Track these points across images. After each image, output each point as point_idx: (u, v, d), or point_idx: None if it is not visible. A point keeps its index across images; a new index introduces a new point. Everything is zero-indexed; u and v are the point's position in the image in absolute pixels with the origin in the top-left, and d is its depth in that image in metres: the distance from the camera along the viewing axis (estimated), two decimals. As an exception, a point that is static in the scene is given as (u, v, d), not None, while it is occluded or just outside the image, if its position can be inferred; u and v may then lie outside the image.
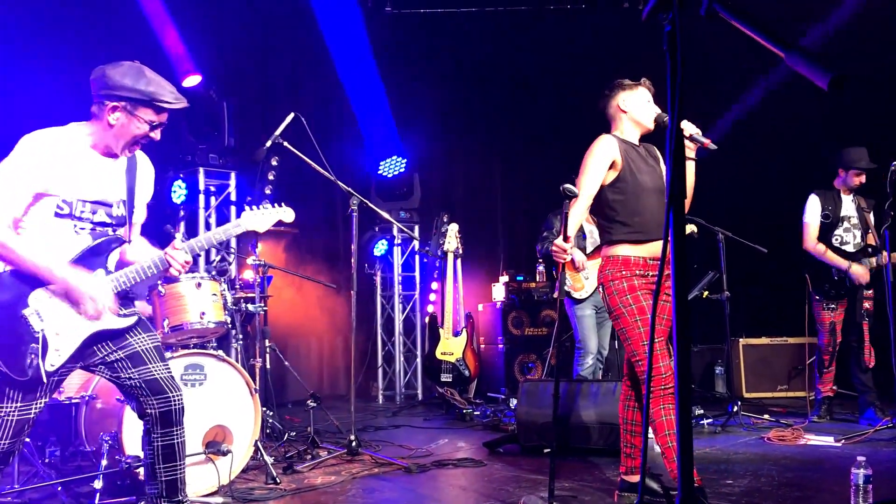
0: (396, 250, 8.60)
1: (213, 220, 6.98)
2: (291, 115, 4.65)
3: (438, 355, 6.99)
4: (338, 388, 8.74)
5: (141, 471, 3.68)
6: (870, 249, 5.86)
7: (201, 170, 6.84)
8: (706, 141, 3.49)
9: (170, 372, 2.93)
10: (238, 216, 6.95)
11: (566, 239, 3.48)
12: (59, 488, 3.89)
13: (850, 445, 4.93)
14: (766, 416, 6.10)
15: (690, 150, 3.57)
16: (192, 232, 6.61)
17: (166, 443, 2.90)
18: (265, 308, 4.93)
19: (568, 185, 3.47)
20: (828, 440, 5.09)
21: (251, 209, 3.25)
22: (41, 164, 2.72)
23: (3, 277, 2.73)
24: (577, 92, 8.69)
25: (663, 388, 3.42)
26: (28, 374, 2.64)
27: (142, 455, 3.64)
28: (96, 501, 3.66)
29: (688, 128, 3.55)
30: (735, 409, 5.85)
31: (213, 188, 7.00)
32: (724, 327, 6.95)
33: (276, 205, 3.26)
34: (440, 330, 7.07)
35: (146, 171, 3.13)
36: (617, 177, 3.63)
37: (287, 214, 3.29)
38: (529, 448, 4.96)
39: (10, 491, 3.89)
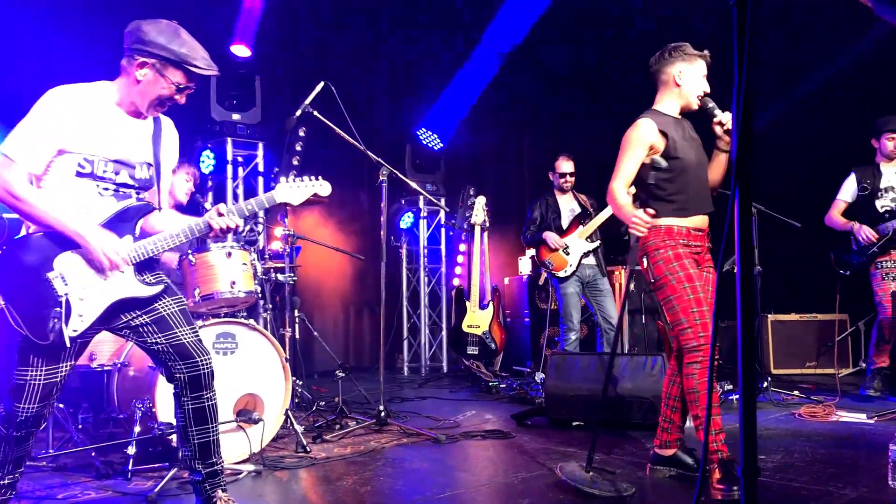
0: (422, 223, 8.58)
1: (240, 191, 6.99)
2: (321, 84, 4.61)
3: (465, 328, 6.98)
4: (363, 360, 8.77)
5: (174, 437, 3.71)
6: (887, 215, 5.85)
7: (229, 140, 6.82)
8: None
9: (197, 336, 2.92)
10: (266, 187, 7.07)
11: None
12: (94, 454, 3.93)
13: (884, 423, 4.87)
14: (795, 393, 6.04)
15: (725, 143, 3.54)
16: (219, 202, 6.60)
17: (197, 406, 2.89)
18: (295, 278, 4.93)
19: (655, 157, 3.46)
20: (860, 417, 5.02)
21: (286, 181, 3.17)
22: (63, 118, 2.68)
23: (30, 240, 2.71)
24: (605, 65, 8.60)
25: (708, 357, 3.39)
26: (50, 339, 2.63)
27: (174, 422, 3.69)
28: (129, 467, 3.70)
29: (726, 119, 3.49)
30: (765, 384, 5.79)
31: (240, 158, 6.99)
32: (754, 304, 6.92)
33: (312, 178, 3.19)
34: (467, 303, 7.05)
35: (171, 137, 3.08)
36: (660, 154, 3.58)
37: (323, 188, 3.22)
38: (557, 421, 4.95)
39: (45, 455, 3.94)
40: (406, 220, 8.49)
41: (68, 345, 2.68)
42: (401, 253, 8.46)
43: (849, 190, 6.07)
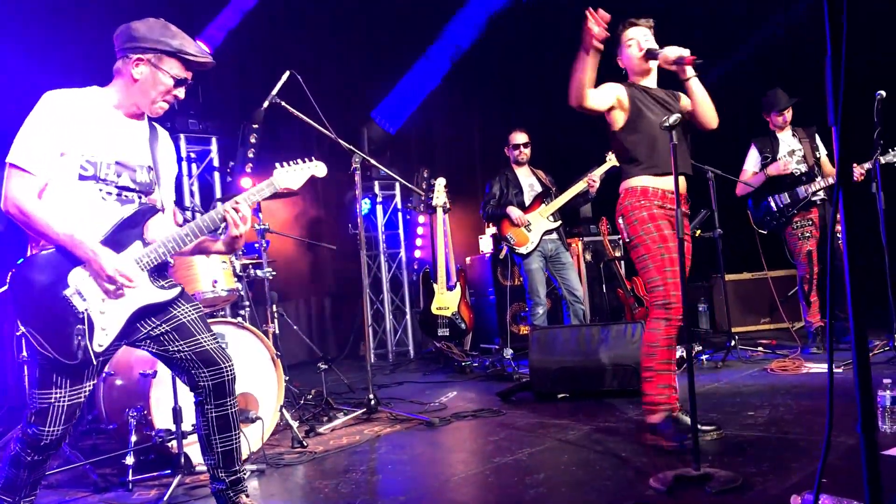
0: (379, 208, 8.54)
1: (195, 188, 6.82)
2: (287, 74, 4.53)
3: (434, 310, 7.00)
4: (328, 350, 8.71)
5: (173, 444, 3.64)
6: (803, 177, 6.17)
7: (182, 136, 6.65)
8: (688, 57, 3.59)
9: (218, 342, 2.86)
10: (223, 182, 6.92)
11: None
12: (88, 467, 3.83)
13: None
14: (760, 349, 6.26)
15: (684, 72, 3.67)
16: (177, 201, 6.45)
17: (221, 414, 2.84)
18: (274, 273, 4.86)
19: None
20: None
21: (282, 166, 3.07)
22: (64, 120, 2.61)
23: (38, 258, 2.60)
24: (554, 44, 8.66)
25: (678, 318, 3.52)
26: (78, 357, 2.55)
27: (173, 428, 3.62)
28: (129, 477, 3.61)
29: (670, 52, 3.65)
30: (733, 343, 5.98)
31: (193, 154, 6.83)
32: (707, 265, 7.14)
33: (306, 160, 3.12)
34: (434, 285, 7.06)
35: (166, 142, 3.03)
36: (627, 119, 3.69)
37: (319, 169, 3.13)
38: (543, 395, 5.02)
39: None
40: (363, 207, 8.43)
41: (94, 361, 2.60)
42: (359, 239, 8.38)
43: (753, 160, 6.43)
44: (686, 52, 3.60)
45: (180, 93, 2.82)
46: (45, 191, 2.63)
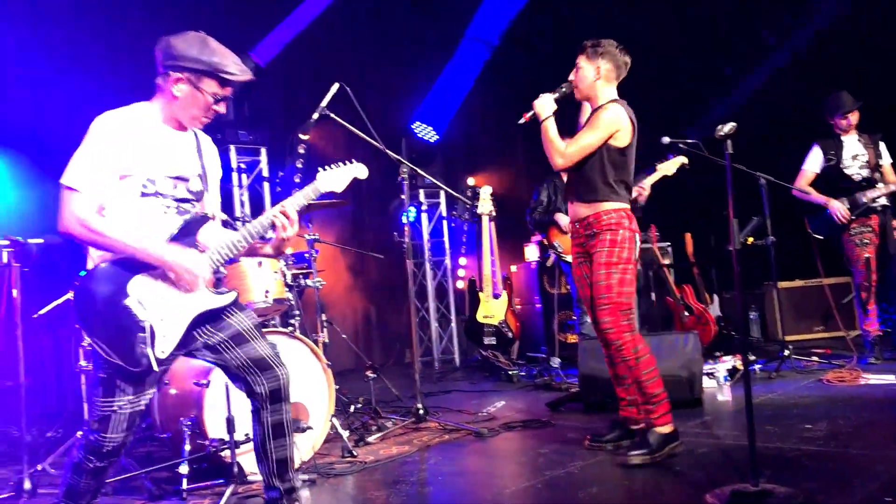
0: (424, 217, 8.55)
1: (245, 198, 6.92)
2: (336, 86, 4.55)
3: (480, 319, 6.98)
4: (374, 359, 8.72)
5: (226, 454, 3.67)
6: (864, 182, 6.02)
7: (232, 147, 6.76)
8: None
9: (274, 349, 2.90)
10: (272, 192, 7.00)
11: None
12: (142, 476, 3.88)
13: (916, 383, 4.94)
14: (815, 359, 6.11)
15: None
16: (227, 210, 6.54)
17: (276, 420, 2.87)
18: (323, 282, 4.90)
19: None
20: (889, 378, 5.10)
21: (324, 170, 3.10)
22: (119, 143, 2.66)
23: (98, 271, 2.66)
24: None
25: None
26: (142, 364, 2.61)
27: (226, 437, 3.66)
28: (183, 486, 3.65)
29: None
30: (787, 353, 5.85)
31: (243, 165, 6.92)
32: (759, 272, 7.01)
33: (347, 162, 3.11)
34: (480, 294, 7.04)
35: (211, 148, 3.08)
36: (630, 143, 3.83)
37: (361, 171, 3.14)
38: (593, 405, 4.96)
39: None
40: (408, 215, 8.46)
41: (156, 368, 2.65)
42: (405, 247, 8.41)
43: (815, 160, 6.24)
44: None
45: (220, 108, 2.85)
46: (103, 210, 2.68)
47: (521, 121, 4.03)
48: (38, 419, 5.46)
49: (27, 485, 3.69)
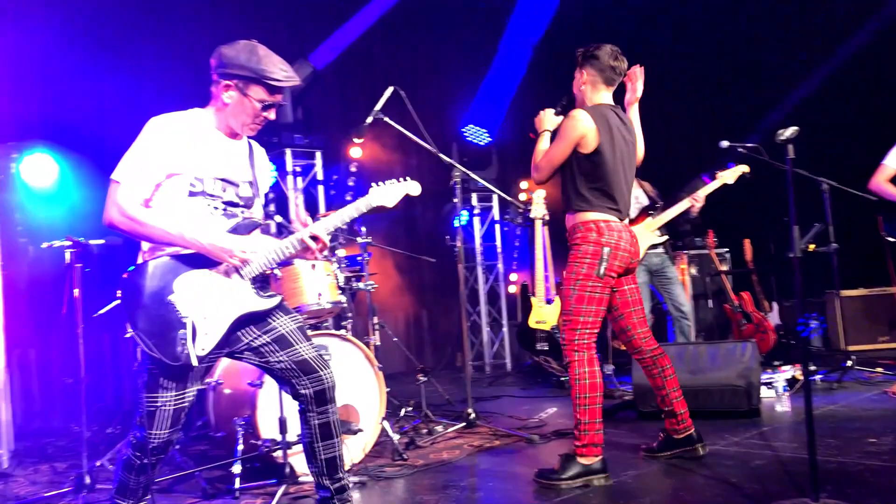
0: (476, 220, 8.54)
1: (300, 201, 7.00)
2: (391, 90, 4.57)
3: (532, 324, 6.92)
4: (425, 361, 8.74)
5: (278, 454, 3.71)
6: None
7: (288, 151, 6.85)
8: None
9: (317, 351, 2.92)
10: (326, 196, 7.07)
11: None
12: (197, 474, 3.94)
13: (984, 396, 4.75)
14: (879, 370, 5.91)
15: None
16: (282, 213, 6.63)
17: (323, 421, 2.89)
18: (375, 285, 4.92)
19: None
20: (958, 392, 4.91)
21: (377, 185, 3.12)
22: (170, 143, 2.73)
23: (147, 266, 2.72)
24: (656, 58, 8.49)
25: None
26: (181, 360, 2.65)
27: (278, 438, 3.69)
28: (236, 485, 3.70)
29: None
30: (850, 363, 5.68)
31: (298, 168, 7.01)
32: (821, 280, 6.80)
33: (400, 179, 3.13)
34: (532, 299, 6.99)
35: (262, 158, 3.12)
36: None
37: (413, 188, 3.16)
38: (647, 414, 4.87)
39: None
40: (461, 218, 8.46)
41: (196, 364, 2.69)
42: (457, 251, 8.41)
43: (894, 156, 5.90)
44: None
45: (270, 115, 2.88)
46: (149, 204, 2.75)
47: (532, 136, 3.94)
48: (98, 415, 5.62)
49: (87, 480, 3.77)
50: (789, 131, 2.93)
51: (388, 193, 3.10)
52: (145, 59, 6.43)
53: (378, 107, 4.58)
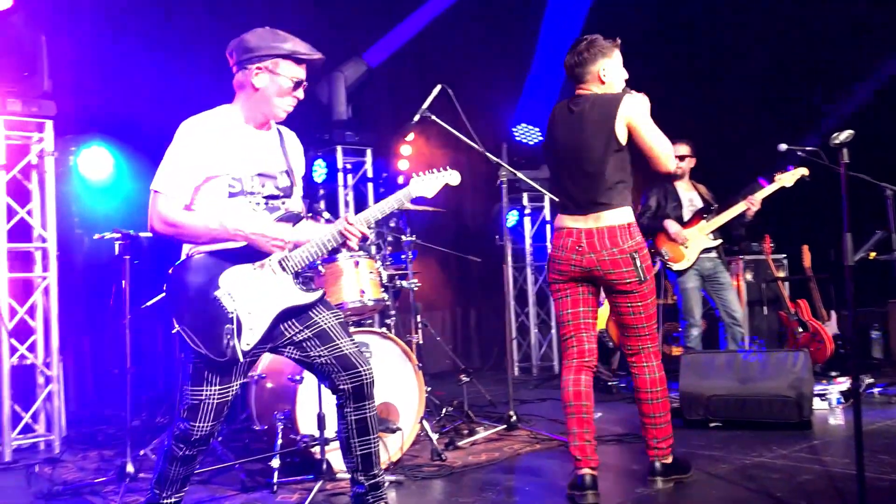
0: (526, 220, 8.47)
1: (350, 198, 7.04)
2: (438, 88, 4.55)
3: (580, 327, 6.83)
4: (473, 361, 8.72)
5: (316, 450, 3.72)
6: None
7: (339, 148, 6.90)
8: None
9: (357, 347, 2.92)
10: (375, 192, 7.10)
11: None
12: (237, 466, 3.98)
13: None
14: (943, 384, 5.68)
15: None
16: (332, 210, 6.68)
17: (359, 417, 2.89)
18: (418, 284, 4.91)
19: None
20: None
21: (416, 175, 3.13)
22: (202, 144, 2.76)
23: (192, 262, 2.76)
24: (714, 57, 8.31)
25: None
26: (227, 355, 2.68)
27: (317, 434, 3.71)
28: (274, 480, 3.73)
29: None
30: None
31: (349, 166, 7.05)
32: (881, 289, 6.56)
33: (441, 169, 3.14)
34: (580, 301, 6.89)
35: (295, 145, 3.12)
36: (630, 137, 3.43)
37: (453, 178, 3.16)
38: (693, 422, 4.76)
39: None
40: (510, 219, 8.41)
41: (241, 359, 2.72)
42: (506, 251, 8.36)
43: None
44: None
45: (299, 94, 2.91)
46: (191, 208, 2.79)
47: None
48: (149, 405, 5.73)
49: (129, 468, 3.84)
50: (844, 135, 2.82)
51: (428, 184, 3.12)
52: (203, 56, 6.54)
53: (425, 105, 4.56)
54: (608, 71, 3.44)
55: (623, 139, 3.33)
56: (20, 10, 4.86)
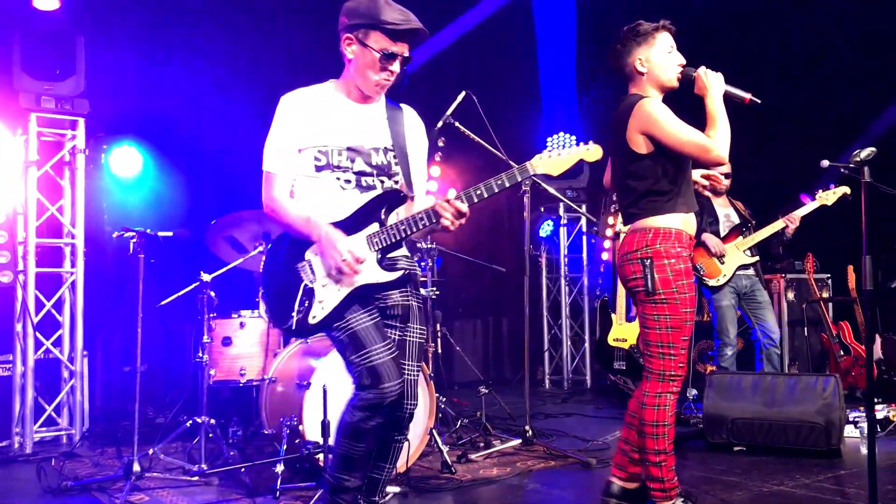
0: (562, 231, 8.32)
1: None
2: (463, 94, 4.49)
3: (611, 341, 6.69)
4: (503, 371, 8.62)
5: (320, 457, 3.67)
6: None
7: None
8: (745, 96, 3.13)
9: (415, 378, 2.84)
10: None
11: None
12: (243, 470, 3.96)
13: None
14: None
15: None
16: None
17: (385, 441, 2.85)
18: (437, 292, 4.84)
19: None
20: None
21: (541, 153, 2.76)
22: (295, 119, 2.72)
23: (288, 236, 2.79)
24: (755, 70, 8.08)
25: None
26: (288, 325, 2.71)
27: (321, 441, 3.65)
28: (278, 485, 3.69)
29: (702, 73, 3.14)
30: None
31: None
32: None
33: (574, 143, 2.78)
34: (612, 315, 6.75)
35: (414, 121, 2.94)
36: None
37: (593, 153, 2.78)
38: (716, 445, 4.59)
39: (199, 473, 4.01)
40: (545, 229, 8.28)
41: (304, 333, 2.76)
42: (541, 262, 8.25)
43: None
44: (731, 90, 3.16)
45: (395, 67, 2.72)
46: (294, 187, 2.79)
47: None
48: (172, 404, 5.75)
49: (136, 467, 3.84)
50: (865, 152, 2.68)
51: (555, 161, 2.74)
52: (240, 62, 6.60)
53: (449, 111, 4.51)
54: (648, 60, 3.14)
55: (641, 149, 3.08)
56: (62, 11, 4.95)
